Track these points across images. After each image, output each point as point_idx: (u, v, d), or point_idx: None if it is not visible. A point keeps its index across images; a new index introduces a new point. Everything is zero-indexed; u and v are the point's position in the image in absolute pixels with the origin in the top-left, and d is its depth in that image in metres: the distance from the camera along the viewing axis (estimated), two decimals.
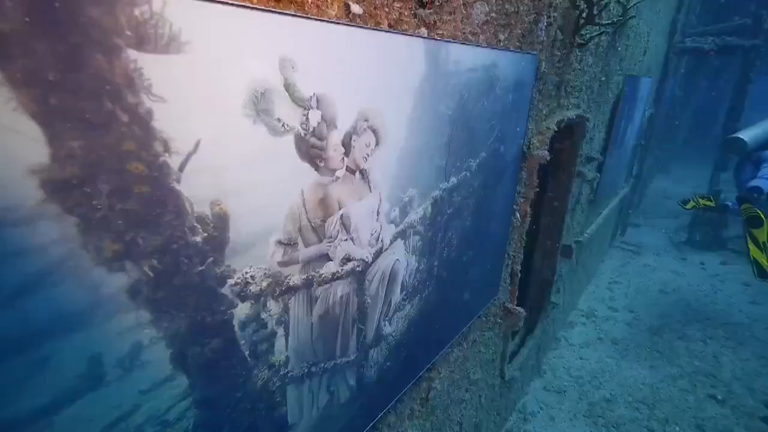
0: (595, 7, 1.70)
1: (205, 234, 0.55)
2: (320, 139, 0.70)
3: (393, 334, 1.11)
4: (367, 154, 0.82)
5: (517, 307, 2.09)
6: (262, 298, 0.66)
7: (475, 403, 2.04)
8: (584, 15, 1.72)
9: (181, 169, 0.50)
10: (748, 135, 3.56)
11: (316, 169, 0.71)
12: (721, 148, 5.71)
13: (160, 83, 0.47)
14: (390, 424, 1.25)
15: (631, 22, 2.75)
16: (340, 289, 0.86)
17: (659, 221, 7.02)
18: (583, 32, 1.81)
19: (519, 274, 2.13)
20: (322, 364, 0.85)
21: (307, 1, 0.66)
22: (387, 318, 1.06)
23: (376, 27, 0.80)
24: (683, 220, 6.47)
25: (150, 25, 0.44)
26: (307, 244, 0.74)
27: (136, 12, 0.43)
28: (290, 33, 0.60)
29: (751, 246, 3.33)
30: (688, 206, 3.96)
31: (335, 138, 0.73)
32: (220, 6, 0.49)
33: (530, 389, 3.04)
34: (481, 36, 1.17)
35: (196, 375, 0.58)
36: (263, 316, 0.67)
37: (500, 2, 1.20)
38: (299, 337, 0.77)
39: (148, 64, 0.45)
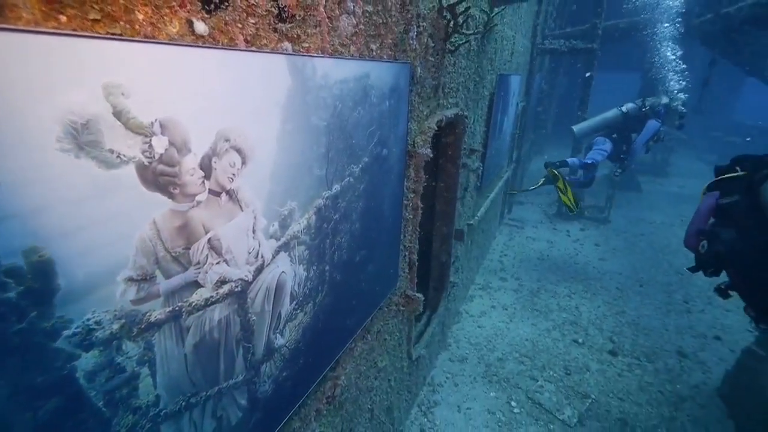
0: (460, 18, 1.89)
1: (21, 288, 0.49)
2: (171, 165, 0.67)
3: (287, 344, 1.12)
4: (233, 174, 0.80)
5: (416, 294, 2.27)
6: (114, 342, 0.61)
7: (385, 388, 2.17)
8: (451, 24, 1.89)
9: None
10: (577, 126, 4.80)
11: (169, 197, 0.67)
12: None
13: None
14: (295, 430, 1.27)
15: (497, 27, 3.12)
16: (218, 312, 0.84)
17: (537, 198, 8.20)
18: (452, 40, 1.99)
19: (416, 263, 2.31)
20: (204, 393, 0.83)
21: (138, 19, 0.61)
22: (278, 330, 1.07)
23: (230, 45, 0.78)
24: (553, 197, 7.66)
25: None
26: (168, 275, 0.70)
27: None
28: (116, 56, 0.55)
29: (561, 196, 4.61)
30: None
31: (191, 162, 0.70)
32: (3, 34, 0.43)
33: (438, 362, 3.34)
34: (352, 47, 1.22)
35: None
36: (118, 360, 0.63)
37: (368, 14, 1.26)
38: (170, 372, 0.73)
39: None
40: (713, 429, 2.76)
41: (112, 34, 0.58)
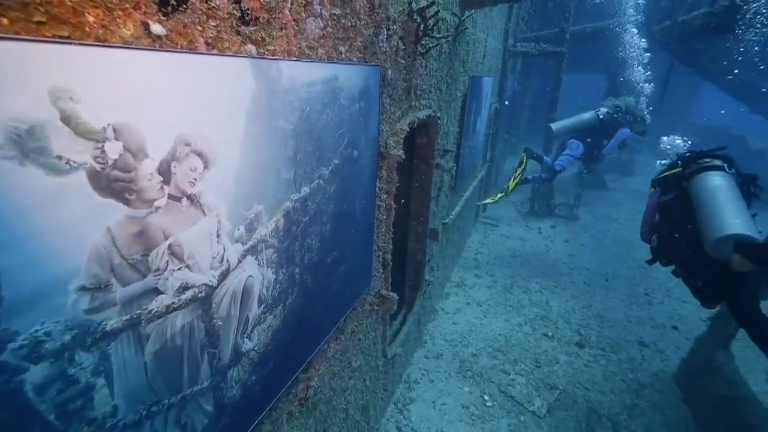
0: (430, 21, 1.92)
1: None
2: (126, 171, 0.65)
3: (255, 348, 1.11)
4: (194, 179, 0.79)
5: (390, 293, 2.29)
6: (66, 354, 0.60)
7: (360, 387, 2.19)
8: (422, 27, 1.92)
9: None
10: (556, 124, 4.99)
11: (125, 203, 0.66)
12: (546, 133, 7.14)
13: None
14: None
15: (469, 30, 3.18)
16: (180, 319, 0.82)
17: (511, 196, 8.42)
18: (423, 42, 2.02)
19: (391, 263, 2.33)
20: (167, 400, 0.81)
21: (88, 22, 0.60)
22: (245, 334, 1.06)
23: (189, 48, 0.77)
24: (526, 195, 7.89)
25: None
26: (125, 283, 0.68)
27: None
28: (64, 60, 0.53)
29: (512, 179, 4.96)
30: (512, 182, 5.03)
31: (148, 167, 0.69)
32: None
33: (414, 360, 3.39)
34: (320, 50, 1.22)
35: None
36: (71, 371, 0.61)
37: (335, 17, 1.26)
38: (129, 382, 0.72)
39: None
40: (670, 413, 2.94)
41: (60, 37, 0.56)
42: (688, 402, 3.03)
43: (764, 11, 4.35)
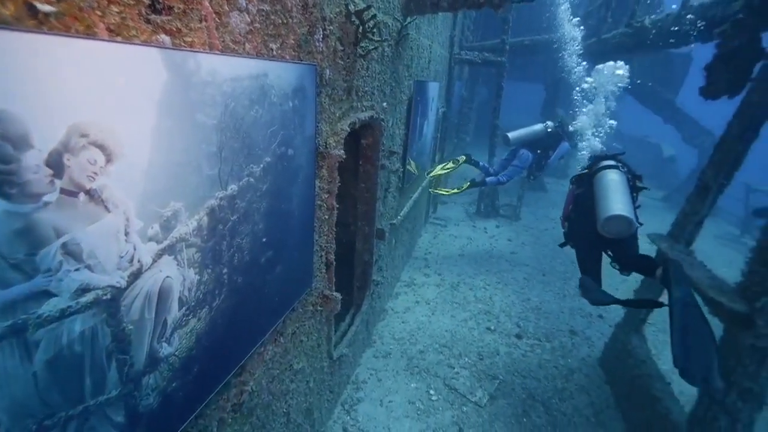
0: (368, 24, 1.95)
1: None
2: (5, 162, 0.60)
3: (176, 353, 1.06)
4: (94, 173, 0.74)
5: (334, 293, 2.29)
6: None
7: (303, 390, 2.15)
8: (360, 30, 1.95)
9: None
10: (512, 134, 5.33)
11: (4, 198, 0.60)
12: (490, 137, 7.51)
13: None
14: None
15: (413, 35, 3.28)
16: (80, 324, 0.76)
17: (459, 197, 8.75)
18: (362, 45, 2.05)
19: (334, 263, 2.32)
20: (64, 413, 0.75)
21: None
22: (164, 339, 1.01)
23: (86, 33, 0.72)
24: (474, 197, 8.26)
25: None
26: (5, 285, 0.62)
27: None
28: None
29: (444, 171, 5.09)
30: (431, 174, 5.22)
31: (34, 158, 0.64)
32: None
33: (362, 360, 3.40)
34: (247, 45, 1.20)
35: None
36: None
37: (264, 13, 1.24)
38: (13, 394, 0.65)
39: None
40: (594, 394, 3.23)
41: None
42: (609, 383, 3.35)
43: (664, 34, 4.97)
